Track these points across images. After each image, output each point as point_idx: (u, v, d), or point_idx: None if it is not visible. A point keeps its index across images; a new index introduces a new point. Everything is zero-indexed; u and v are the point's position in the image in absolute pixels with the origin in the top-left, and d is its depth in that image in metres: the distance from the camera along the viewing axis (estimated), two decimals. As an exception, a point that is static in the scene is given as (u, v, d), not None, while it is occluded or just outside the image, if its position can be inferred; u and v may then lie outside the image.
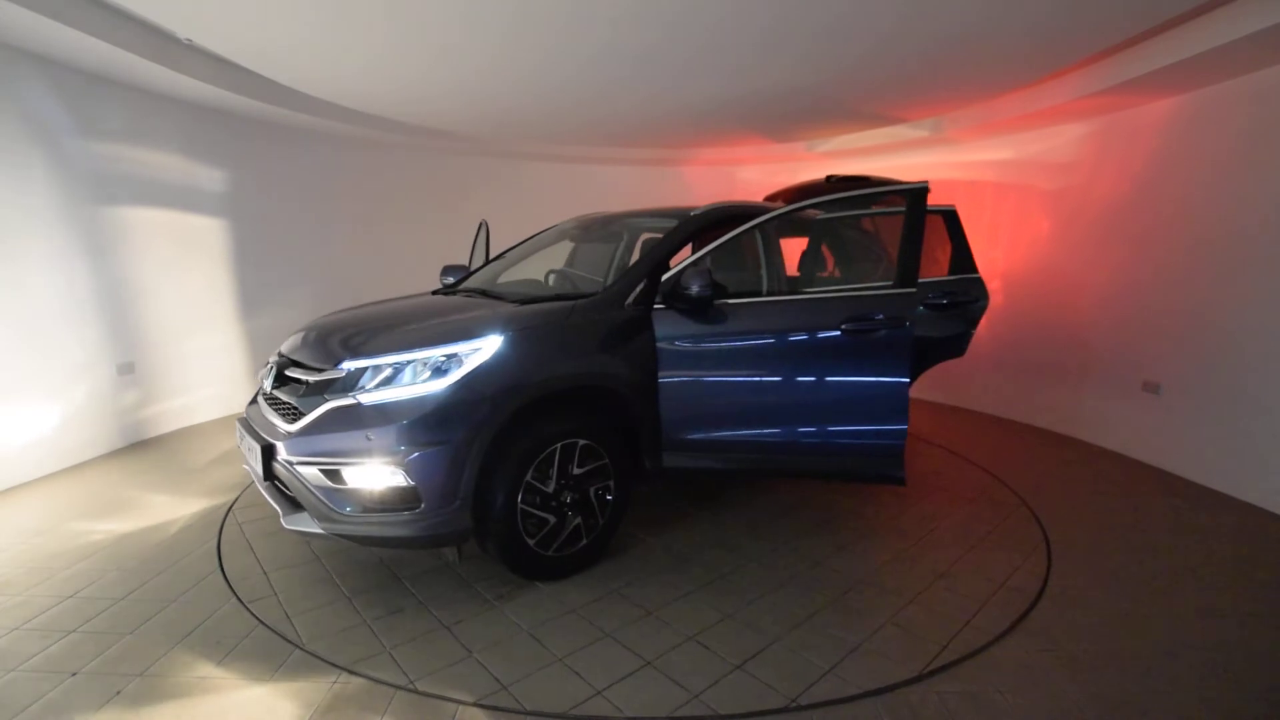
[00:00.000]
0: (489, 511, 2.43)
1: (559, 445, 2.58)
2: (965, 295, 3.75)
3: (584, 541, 2.73)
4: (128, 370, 4.15)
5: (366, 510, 2.31)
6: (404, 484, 2.27)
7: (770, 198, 4.76)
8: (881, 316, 2.77)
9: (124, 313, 4.33)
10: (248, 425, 2.70)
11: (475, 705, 1.93)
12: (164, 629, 2.30)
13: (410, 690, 1.99)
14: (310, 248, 5.79)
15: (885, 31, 3.44)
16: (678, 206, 3.67)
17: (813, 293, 3.09)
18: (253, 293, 5.30)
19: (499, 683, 2.03)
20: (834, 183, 4.75)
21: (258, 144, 5.28)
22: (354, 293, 4.99)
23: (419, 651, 2.19)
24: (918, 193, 2.88)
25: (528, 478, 2.50)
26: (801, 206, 3.05)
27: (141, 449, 4.35)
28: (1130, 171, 4.61)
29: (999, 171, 5.65)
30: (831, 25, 3.36)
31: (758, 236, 3.83)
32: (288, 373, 2.63)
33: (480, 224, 4.56)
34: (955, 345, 3.91)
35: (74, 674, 2.03)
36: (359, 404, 2.34)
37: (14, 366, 3.61)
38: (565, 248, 4.05)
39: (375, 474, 2.27)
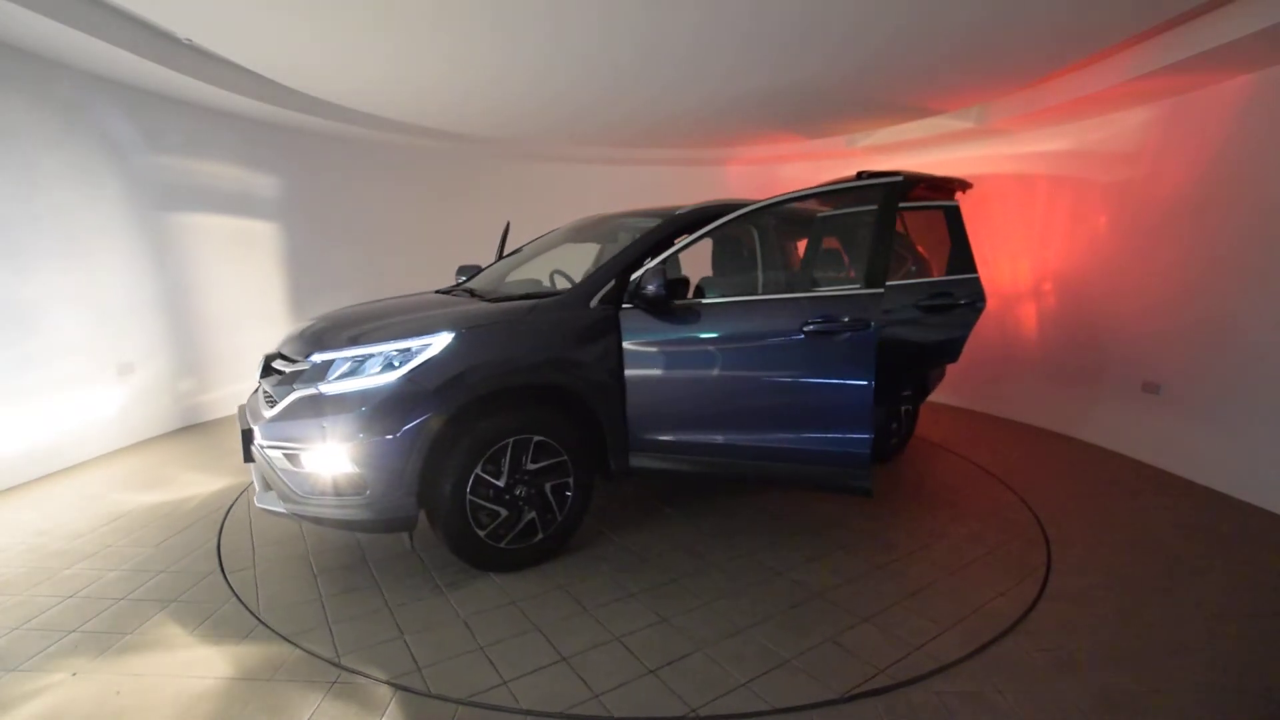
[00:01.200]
0: (437, 501, 2.53)
1: (511, 440, 2.64)
2: (959, 297, 3.49)
3: (540, 536, 2.77)
4: (128, 370, 4.37)
5: (321, 493, 2.47)
6: (352, 470, 2.40)
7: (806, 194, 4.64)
8: (846, 319, 2.62)
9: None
10: (243, 411, 2.95)
11: (385, 683, 2.01)
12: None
13: (334, 664, 2.11)
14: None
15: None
16: (691, 204, 3.63)
17: (776, 294, 2.99)
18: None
19: (415, 664, 2.11)
20: (865, 179, 4.58)
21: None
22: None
23: (356, 628, 2.32)
24: (891, 187, 2.72)
25: (477, 470, 2.57)
26: (769, 204, 2.94)
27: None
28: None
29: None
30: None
31: (755, 235, 3.75)
32: (273, 364, 2.86)
33: (506, 225, 4.73)
34: (950, 350, 3.65)
35: (74, 674, 2.04)
36: (320, 394, 2.51)
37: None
38: (576, 248, 4.12)
39: (328, 459, 2.42)
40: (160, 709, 1.89)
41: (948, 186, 4.70)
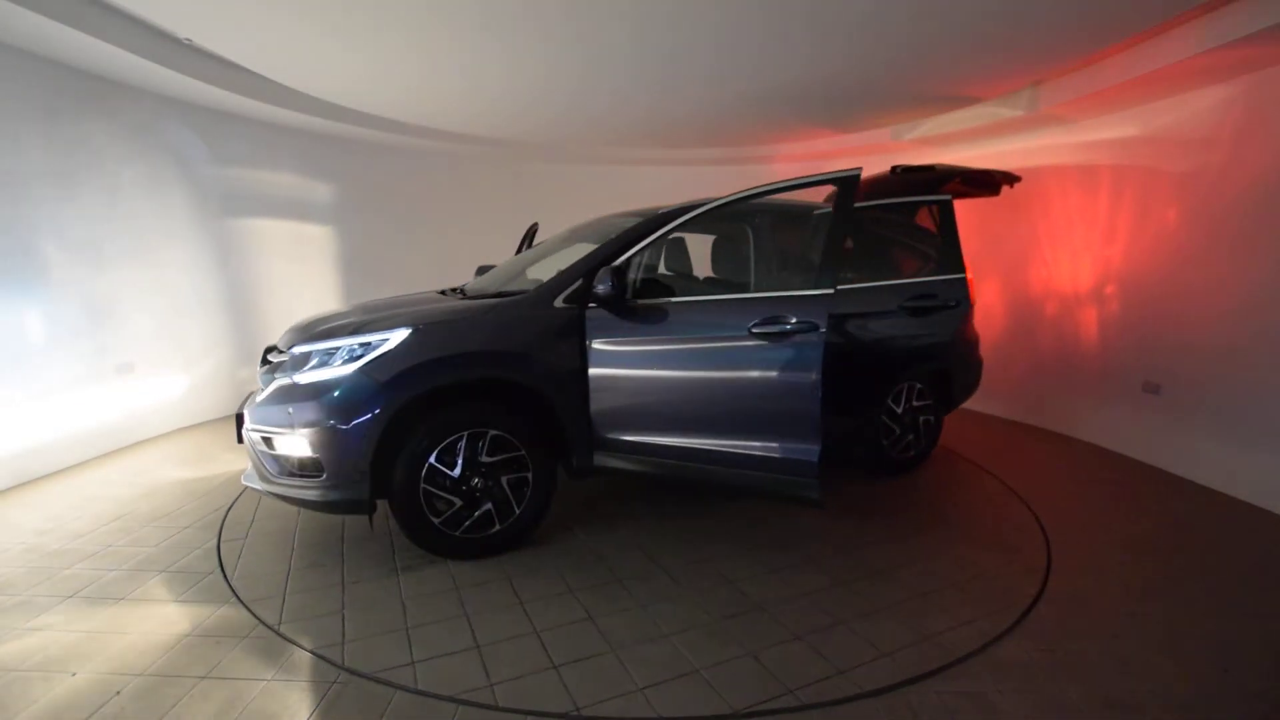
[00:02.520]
0: (392, 488, 2.67)
1: (466, 433, 2.74)
2: (944, 299, 3.22)
3: (496, 528, 2.85)
4: (127, 370, 4.43)
5: (289, 475, 2.68)
6: (310, 454, 2.60)
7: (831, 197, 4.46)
8: (792, 321, 2.50)
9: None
10: (250, 398, 3.26)
11: (309, 651, 2.17)
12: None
13: (273, 630, 2.29)
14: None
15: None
16: (677, 204, 3.61)
17: (726, 295, 2.90)
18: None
19: (342, 638, 2.25)
20: (899, 175, 4.35)
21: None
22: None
23: (305, 600, 2.50)
24: (847, 181, 2.56)
25: (431, 460, 2.69)
26: (723, 202, 2.84)
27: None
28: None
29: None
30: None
31: (749, 234, 3.65)
32: (268, 355, 3.13)
33: (531, 225, 4.90)
34: (937, 354, 3.38)
35: (74, 674, 2.04)
36: (294, 383, 2.73)
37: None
38: (587, 248, 4.19)
39: (292, 443, 2.63)
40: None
41: (989, 181, 4.35)
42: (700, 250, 3.97)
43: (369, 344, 2.68)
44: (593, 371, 2.91)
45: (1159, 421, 4.30)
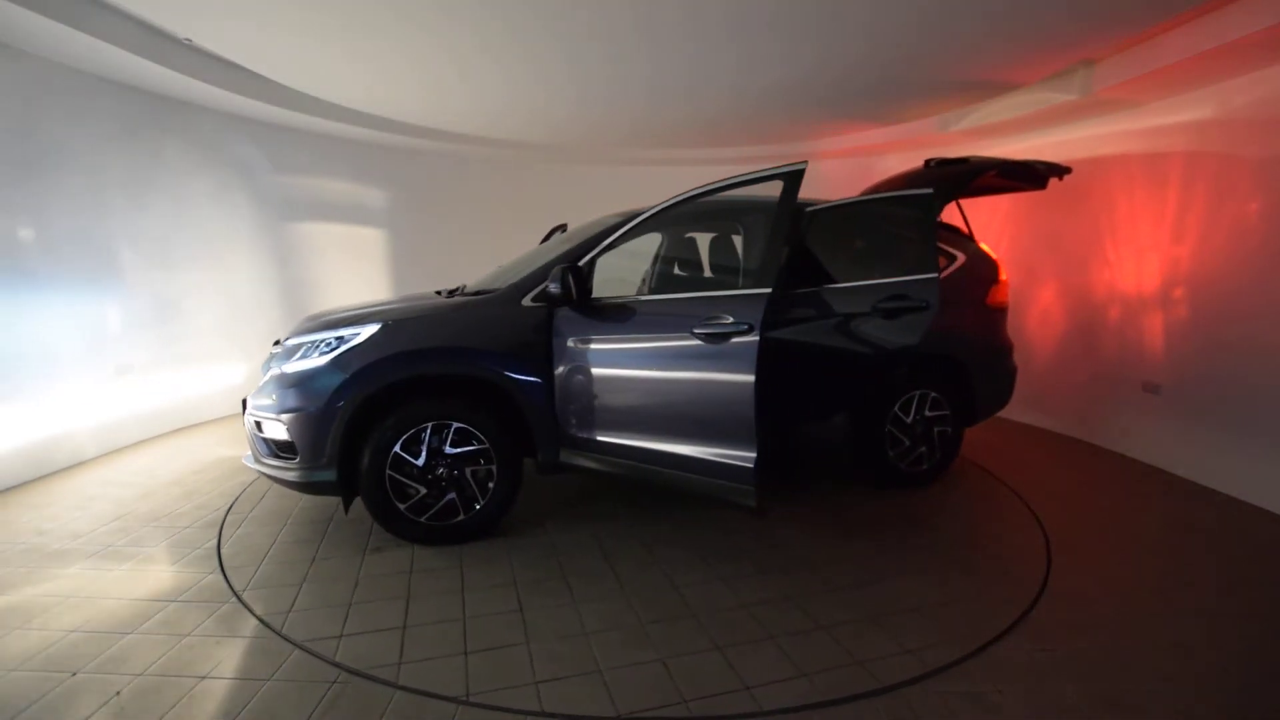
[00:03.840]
0: (360, 473, 2.84)
1: (430, 425, 2.87)
2: (913, 300, 2.98)
3: (460, 517, 2.97)
4: (126, 370, 4.45)
5: (272, 456, 2.93)
6: (285, 438, 2.82)
7: (871, 190, 4.27)
8: (728, 321, 2.41)
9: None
10: None
11: (255, 616, 2.35)
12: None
13: (235, 593, 2.52)
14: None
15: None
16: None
17: (671, 295, 2.84)
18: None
19: (289, 608, 2.43)
20: (933, 168, 4.12)
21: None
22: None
23: (274, 572, 2.71)
24: (792, 176, 2.43)
25: (396, 449, 2.84)
26: (673, 202, 2.78)
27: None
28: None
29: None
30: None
31: (741, 232, 3.58)
32: (274, 347, 3.43)
33: (559, 226, 5.03)
34: (897, 360, 3.13)
35: (74, 674, 2.03)
36: (282, 372, 2.97)
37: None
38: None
39: (275, 427, 2.87)
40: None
41: (1031, 173, 3.99)
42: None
43: (342, 338, 2.87)
44: (558, 369, 2.95)
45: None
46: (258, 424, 2.99)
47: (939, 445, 3.79)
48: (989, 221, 5.60)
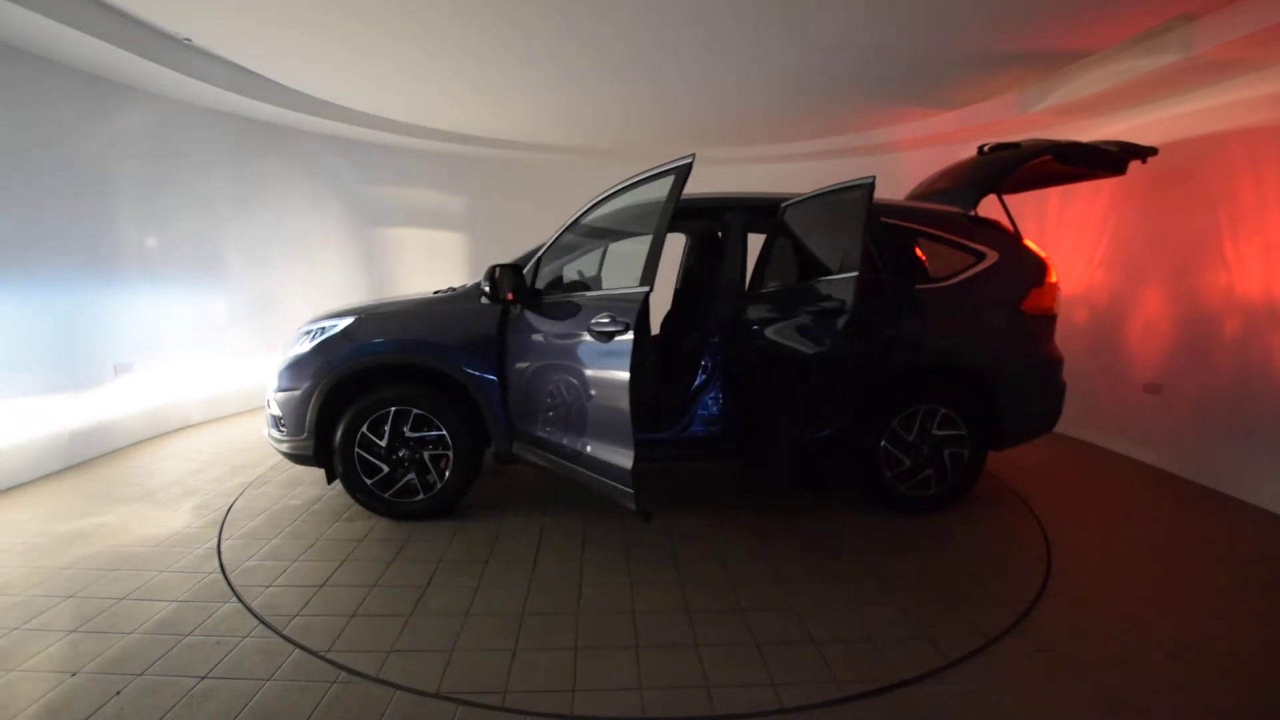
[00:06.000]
0: (333, 448, 3.18)
1: (392, 409, 3.14)
2: (834, 302, 2.63)
3: (420, 496, 3.20)
4: (125, 369, 4.48)
5: (274, 429, 3.37)
6: (278, 413, 3.24)
7: (931, 182, 3.95)
8: (607, 319, 2.35)
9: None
10: None
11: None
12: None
13: (214, 546, 2.95)
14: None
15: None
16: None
17: (573, 296, 2.83)
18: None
19: (245, 559, 2.79)
20: (986, 155, 3.78)
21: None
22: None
23: (256, 529, 3.12)
24: (680, 171, 2.31)
25: (363, 429, 3.14)
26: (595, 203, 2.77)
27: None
28: None
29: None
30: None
31: (720, 232, 3.47)
32: (301, 335, 3.93)
33: None
34: (811, 366, 2.77)
35: (73, 674, 2.02)
36: (286, 356, 3.42)
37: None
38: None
39: (272, 405, 3.31)
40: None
41: (1100, 157, 3.43)
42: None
43: (324, 329, 3.24)
44: (508, 364, 3.08)
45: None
46: (268, 401, 3.47)
47: (950, 469, 3.35)
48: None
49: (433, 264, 7.06)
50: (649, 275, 2.33)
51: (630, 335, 2.33)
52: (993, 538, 3.10)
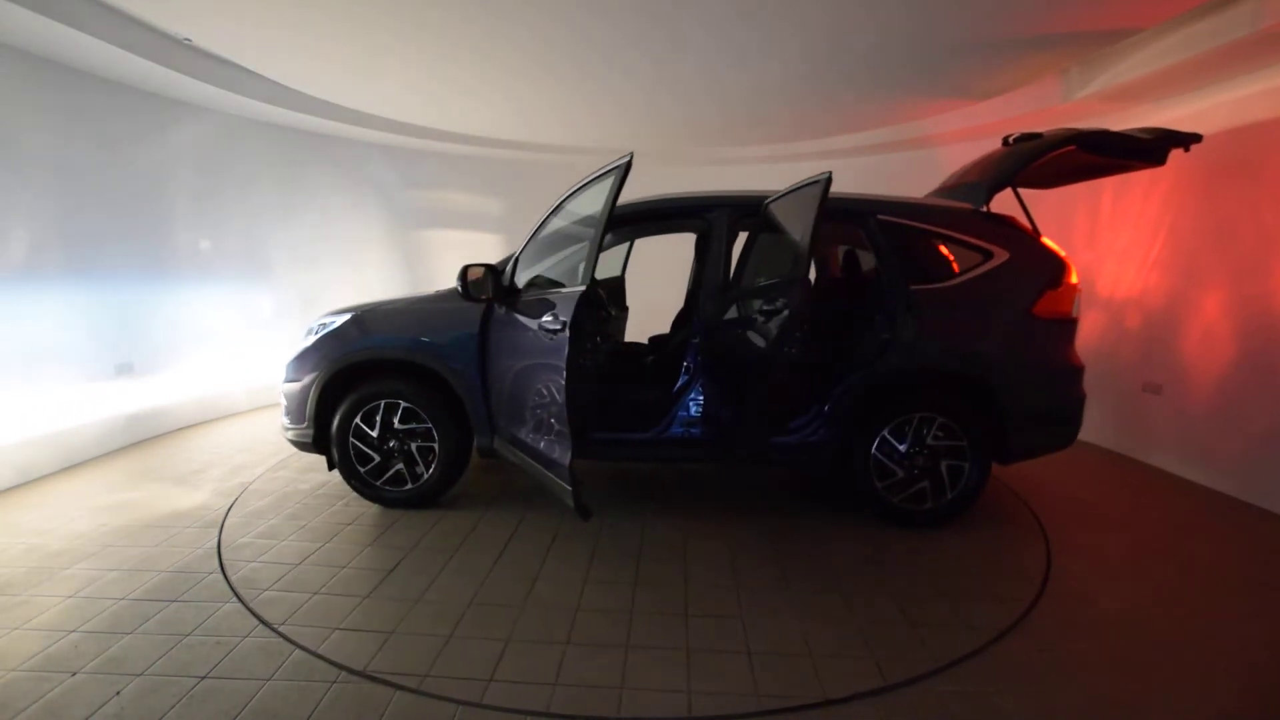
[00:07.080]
0: (330, 436, 3.37)
1: (383, 402, 3.29)
2: (782, 304, 2.49)
3: (408, 486, 3.34)
4: (126, 369, 4.53)
5: (285, 416, 3.61)
6: (283, 402, 3.47)
7: (961, 174, 3.79)
8: (549, 317, 2.36)
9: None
10: None
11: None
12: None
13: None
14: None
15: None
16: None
17: (534, 295, 2.84)
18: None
19: (244, 535, 3.02)
20: (1011, 146, 3.60)
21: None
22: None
23: (254, 508, 3.35)
24: (621, 169, 2.29)
25: (357, 420, 3.31)
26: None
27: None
28: None
29: None
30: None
31: (709, 230, 3.43)
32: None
33: None
34: (765, 369, 2.63)
35: (74, 674, 2.01)
36: (296, 350, 3.66)
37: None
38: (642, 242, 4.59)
39: (282, 395, 3.55)
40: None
41: (1133, 145, 3.17)
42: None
43: (325, 325, 3.44)
44: (489, 362, 3.17)
45: None
46: (280, 392, 3.72)
47: (949, 482, 3.15)
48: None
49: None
50: (587, 274, 2.33)
51: (565, 334, 2.34)
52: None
